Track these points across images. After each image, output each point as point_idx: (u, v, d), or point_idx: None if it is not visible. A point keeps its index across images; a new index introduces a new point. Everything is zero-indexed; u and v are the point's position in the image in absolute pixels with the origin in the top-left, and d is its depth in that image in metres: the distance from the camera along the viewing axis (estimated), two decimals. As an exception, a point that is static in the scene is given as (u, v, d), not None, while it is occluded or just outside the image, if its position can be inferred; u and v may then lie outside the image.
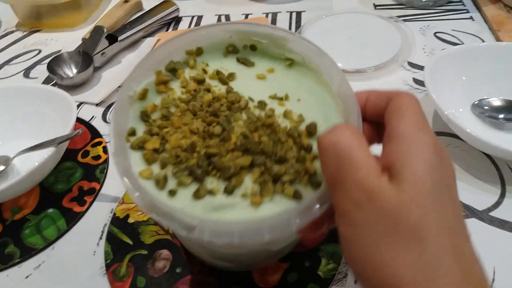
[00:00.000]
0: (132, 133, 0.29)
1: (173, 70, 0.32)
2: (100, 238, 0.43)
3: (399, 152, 0.21)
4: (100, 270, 0.40)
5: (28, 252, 0.42)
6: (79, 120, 0.57)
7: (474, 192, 0.42)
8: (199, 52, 0.33)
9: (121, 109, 0.29)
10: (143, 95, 0.30)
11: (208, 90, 0.31)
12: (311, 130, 0.28)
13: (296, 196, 0.26)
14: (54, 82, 0.63)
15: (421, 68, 0.59)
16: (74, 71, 0.64)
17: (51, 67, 0.62)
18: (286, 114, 0.30)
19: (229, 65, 0.33)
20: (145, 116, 0.30)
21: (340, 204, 0.22)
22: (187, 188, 0.27)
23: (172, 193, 0.26)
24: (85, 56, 0.64)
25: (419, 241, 0.19)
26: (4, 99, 0.53)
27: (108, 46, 0.66)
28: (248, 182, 0.27)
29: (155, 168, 0.28)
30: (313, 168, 0.27)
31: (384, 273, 0.19)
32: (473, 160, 0.45)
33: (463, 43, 0.63)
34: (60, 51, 0.73)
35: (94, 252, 0.41)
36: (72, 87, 0.63)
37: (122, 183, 0.26)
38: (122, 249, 0.41)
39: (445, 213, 0.20)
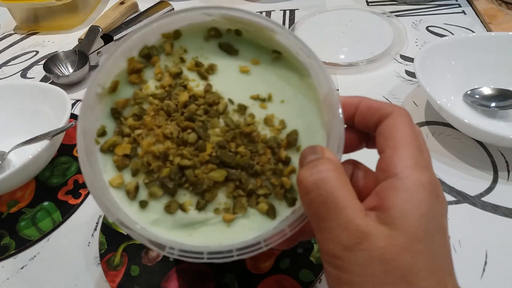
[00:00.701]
0: (102, 133, 0.27)
1: (147, 56, 0.29)
2: (95, 229, 0.43)
3: (394, 196, 0.21)
4: (95, 260, 0.40)
5: (23, 244, 0.42)
6: (74, 117, 0.57)
7: (466, 178, 0.43)
8: (176, 35, 0.29)
9: (89, 107, 0.27)
10: (113, 88, 0.28)
11: (185, 87, 0.28)
12: (291, 140, 0.27)
13: (270, 212, 0.26)
14: (50, 81, 0.64)
15: (412, 60, 0.59)
16: (70, 69, 0.65)
17: (47, 67, 0.63)
18: (267, 121, 0.28)
19: (210, 51, 0.30)
20: (116, 114, 0.28)
21: (326, 245, 0.21)
22: (158, 200, 0.26)
23: (143, 204, 0.26)
24: (81, 55, 0.65)
25: (409, 285, 0.19)
26: (0, 97, 0.53)
27: (103, 46, 0.67)
28: (222, 197, 0.26)
29: (126, 175, 0.27)
30: (290, 182, 0.26)
31: None
32: (466, 148, 0.46)
33: (455, 36, 0.63)
34: (57, 52, 0.73)
35: (89, 243, 0.42)
36: (68, 85, 0.63)
37: (94, 199, 0.25)
38: (116, 239, 0.41)
39: (435, 256, 0.20)
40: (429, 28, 0.66)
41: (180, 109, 0.28)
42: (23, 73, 0.70)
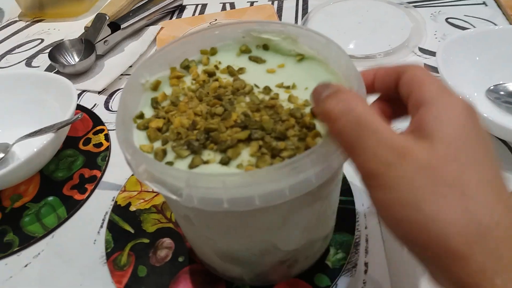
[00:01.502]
0: (140, 116, 0.30)
1: (187, 67, 0.33)
2: (101, 226, 0.41)
3: (429, 114, 0.20)
4: (101, 259, 0.39)
5: (27, 240, 0.41)
6: (80, 108, 0.56)
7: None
8: (213, 52, 0.34)
9: (131, 93, 0.30)
10: (155, 86, 0.32)
11: (217, 80, 0.32)
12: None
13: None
14: (56, 70, 0.62)
15: (432, 54, 0.57)
16: (76, 59, 0.63)
17: (53, 55, 0.61)
18: (291, 99, 0.29)
19: (241, 62, 0.34)
20: (155, 103, 0.30)
21: (366, 166, 0.20)
22: (183, 161, 0.26)
23: (169, 164, 0.26)
24: (87, 44, 0.63)
25: (461, 194, 0.18)
26: (3, 87, 0.52)
27: (110, 34, 0.65)
28: (245, 155, 0.26)
29: (157, 145, 0.28)
30: (314, 144, 0.26)
31: (431, 231, 0.18)
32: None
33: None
34: (62, 40, 0.72)
35: (95, 240, 0.40)
36: (74, 75, 0.61)
37: (122, 152, 0.25)
38: (123, 237, 0.40)
39: (482, 167, 0.19)
40: (449, 20, 0.63)
41: (211, 94, 0.30)
42: (28, 62, 0.68)
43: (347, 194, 0.40)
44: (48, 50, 0.63)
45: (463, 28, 0.61)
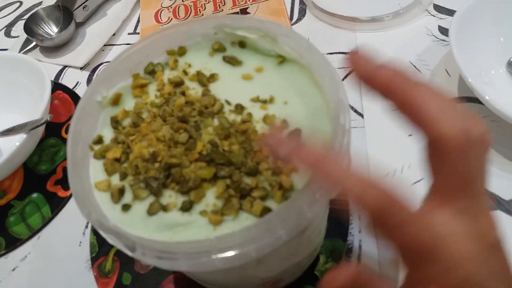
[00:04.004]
0: (99, 141, 0.27)
1: (152, 73, 0.30)
2: (86, 226, 0.40)
3: None
4: (86, 264, 0.38)
5: (13, 243, 0.40)
6: (61, 88, 0.52)
7: (502, 176, 0.36)
8: (181, 51, 0.31)
9: (86, 115, 0.27)
10: (115, 100, 0.28)
11: (183, 93, 0.28)
12: (293, 137, 0.24)
13: (265, 215, 0.21)
14: (34, 44, 0.57)
15: (450, 12, 0.49)
16: (55, 29, 0.58)
17: (28, 27, 0.56)
18: (266, 119, 0.25)
19: (214, 65, 0.30)
20: (114, 123, 0.28)
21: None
22: (142, 203, 0.24)
23: (126, 207, 0.24)
24: (65, 11, 0.57)
25: None
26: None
27: (89, -2, 0.59)
28: (210, 198, 0.23)
29: (115, 180, 0.25)
30: (289, 182, 0.23)
31: None
32: (505, 136, 0.38)
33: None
34: (41, 2, 0.66)
35: (80, 242, 0.39)
36: (54, 48, 0.57)
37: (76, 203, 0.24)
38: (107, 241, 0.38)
39: None
40: (473, -35, 0.54)
41: (176, 113, 0.27)
42: (7, 31, 0.63)
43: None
44: (26, 16, 0.58)
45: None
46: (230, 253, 0.20)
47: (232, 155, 0.24)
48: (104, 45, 0.56)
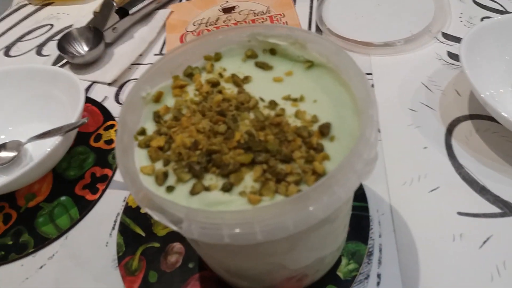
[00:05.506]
0: (142, 132, 0.29)
1: (190, 75, 0.32)
2: (113, 228, 0.42)
3: None
4: (113, 263, 0.39)
5: (42, 242, 0.41)
6: (91, 101, 0.55)
7: (513, 186, 0.38)
8: (217, 57, 0.33)
9: (132, 108, 0.29)
10: (157, 98, 0.31)
11: (220, 92, 0.30)
12: (324, 130, 0.26)
13: None
14: (65, 61, 0.61)
15: (457, 40, 0.53)
16: (85, 48, 0.61)
17: (61, 45, 0.60)
18: (298, 114, 0.28)
19: (247, 69, 0.32)
20: (157, 117, 0.30)
21: None
22: (185, 185, 0.26)
23: (169, 189, 0.26)
24: (95, 32, 0.61)
25: None
26: (12, 82, 0.51)
27: (119, 21, 0.63)
28: (249, 180, 0.25)
29: (158, 166, 0.27)
30: (322, 168, 0.24)
31: None
32: (514, 148, 0.41)
33: (507, 11, 0.56)
34: (72, 25, 0.70)
35: (107, 243, 0.41)
36: (84, 66, 0.60)
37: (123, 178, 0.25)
38: (134, 241, 0.40)
39: None
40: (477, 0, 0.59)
41: (214, 108, 0.29)
42: (38, 50, 0.67)
43: (361, 199, 0.39)
44: (58, 37, 0.62)
45: (493, 10, 0.56)
46: (270, 224, 0.21)
47: (268, 143, 0.26)
48: (132, 64, 0.60)
